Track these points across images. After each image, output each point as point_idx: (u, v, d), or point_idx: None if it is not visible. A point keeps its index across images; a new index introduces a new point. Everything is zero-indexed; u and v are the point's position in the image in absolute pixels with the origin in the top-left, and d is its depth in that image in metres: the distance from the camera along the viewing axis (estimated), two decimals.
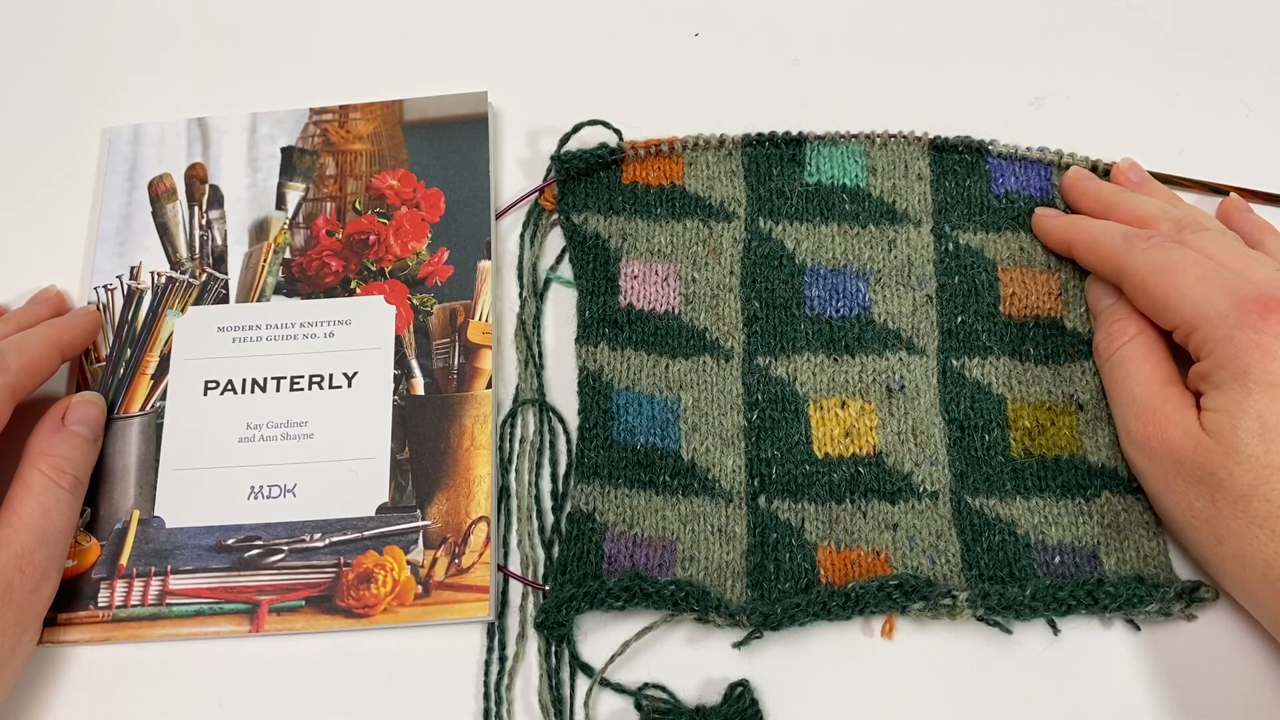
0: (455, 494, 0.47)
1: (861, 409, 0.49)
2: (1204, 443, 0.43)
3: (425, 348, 0.50)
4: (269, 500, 0.48)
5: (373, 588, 0.46)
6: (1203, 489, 0.42)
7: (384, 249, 0.52)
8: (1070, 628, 0.45)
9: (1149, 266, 0.46)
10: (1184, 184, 0.54)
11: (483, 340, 0.50)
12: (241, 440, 0.49)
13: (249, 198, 0.53)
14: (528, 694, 0.45)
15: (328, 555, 0.47)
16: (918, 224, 0.53)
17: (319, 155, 0.54)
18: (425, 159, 0.54)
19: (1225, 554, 0.43)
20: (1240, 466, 0.41)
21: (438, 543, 0.46)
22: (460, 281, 0.51)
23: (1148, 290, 0.46)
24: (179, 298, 0.52)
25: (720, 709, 0.44)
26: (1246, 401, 0.42)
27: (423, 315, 0.51)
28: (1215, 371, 0.43)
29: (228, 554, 0.47)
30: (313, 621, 0.46)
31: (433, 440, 0.48)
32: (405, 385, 0.49)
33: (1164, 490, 0.45)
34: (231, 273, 0.52)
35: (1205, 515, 0.43)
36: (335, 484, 0.48)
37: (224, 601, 0.46)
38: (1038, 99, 0.57)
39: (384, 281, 0.51)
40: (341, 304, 0.51)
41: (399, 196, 0.53)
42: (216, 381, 0.50)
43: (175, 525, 0.47)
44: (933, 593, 0.44)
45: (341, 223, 0.53)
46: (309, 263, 0.52)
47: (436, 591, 0.46)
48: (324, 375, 0.50)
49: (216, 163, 0.54)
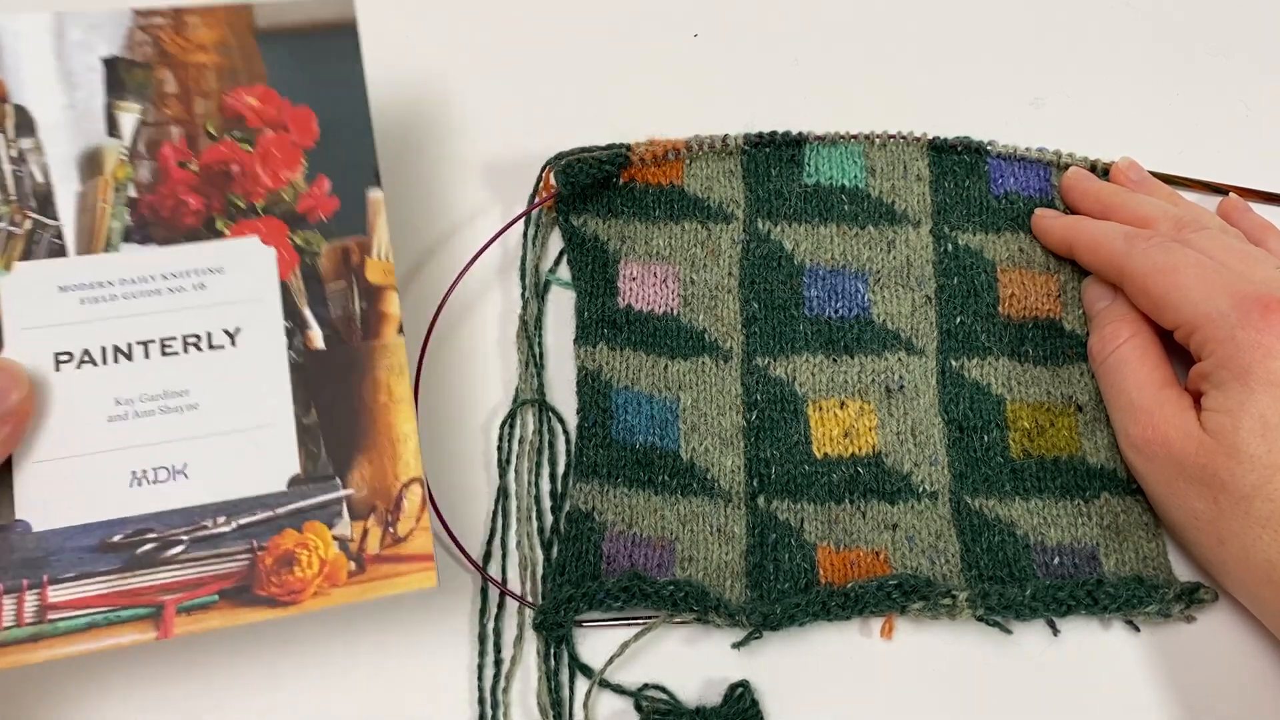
0: (378, 456, 0.43)
1: (861, 409, 0.49)
2: (1205, 443, 0.43)
3: (318, 294, 0.44)
4: (156, 485, 0.41)
5: (296, 570, 0.41)
6: (1204, 490, 0.43)
7: (251, 181, 0.45)
8: (1070, 628, 0.46)
9: (1149, 266, 0.46)
10: (1184, 183, 0.55)
11: (385, 280, 0.45)
12: (112, 419, 0.41)
13: (69, 121, 0.44)
14: (526, 696, 0.45)
15: (237, 540, 0.41)
16: (917, 225, 0.53)
17: (153, 68, 0.45)
18: (288, 73, 0.46)
19: (1227, 555, 0.43)
20: (1242, 467, 0.42)
21: (365, 512, 0.42)
22: (349, 215, 0.45)
23: (1148, 290, 0.46)
24: (0, 252, 0.43)
25: (720, 709, 0.44)
26: (1248, 401, 0.42)
27: (309, 257, 0.44)
28: (1216, 371, 0.43)
29: (116, 553, 0.40)
30: (230, 616, 0.40)
31: (343, 399, 0.43)
32: (301, 339, 0.43)
33: (1164, 492, 0.45)
34: (64, 217, 0.43)
35: (1207, 516, 0.43)
36: (233, 459, 0.42)
37: (120, 608, 0.40)
38: (1038, 99, 0.57)
39: (257, 219, 0.44)
40: (209, 249, 0.44)
41: (261, 118, 0.45)
42: (69, 353, 0.42)
43: (45, 528, 0.40)
44: (932, 593, 0.44)
45: (195, 151, 0.45)
46: (161, 201, 0.44)
47: (373, 566, 0.41)
48: (200, 335, 0.43)
49: (15, 76, 0.44)
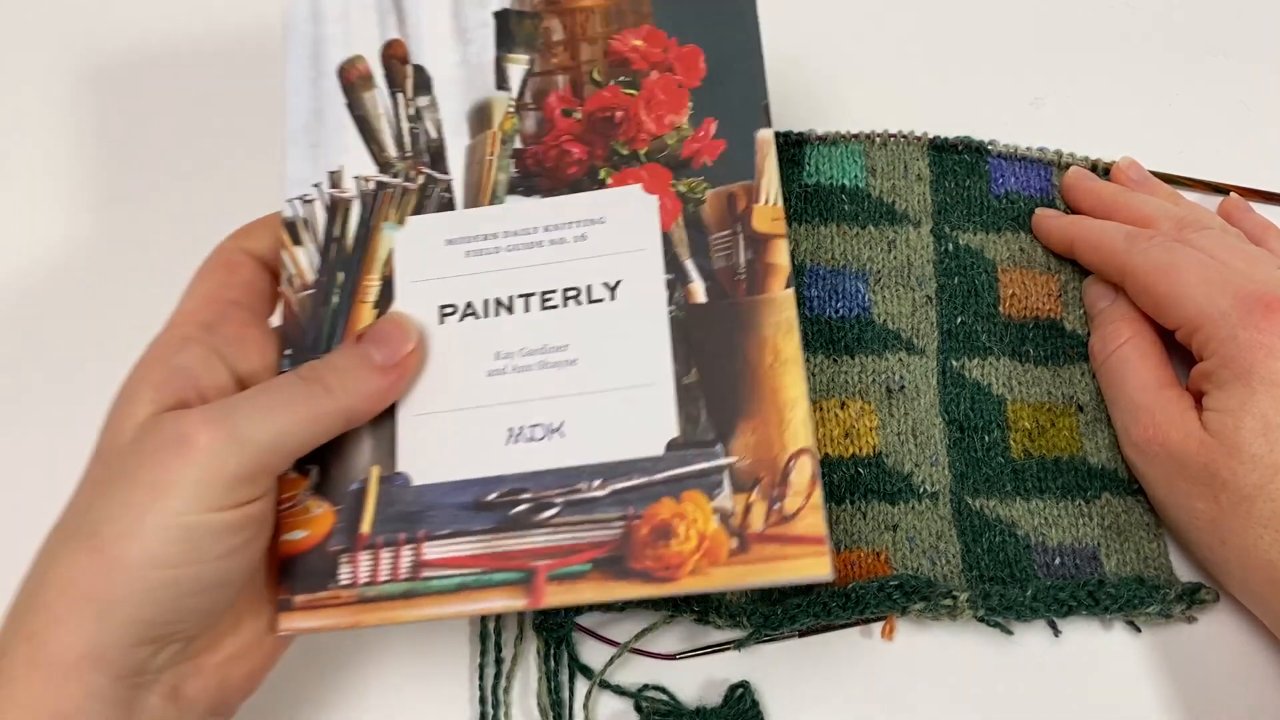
0: (764, 422, 0.37)
1: (861, 409, 0.48)
2: (1206, 443, 0.42)
3: (701, 244, 0.40)
4: (532, 444, 0.39)
5: (673, 544, 0.37)
6: (1205, 490, 0.42)
7: (635, 126, 0.42)
8: (1070, 629, 0.45)
9: (1150, 266, 0.46)
10: (1185, 183, 0.54)
11: (773, 229, 0.40)
12: (491, 374, 0.40)
13: (462, 77, 0.43)
14: (526, 697, 0.45)
15: (612, 506, 0.37)
16: (917, 224, 0.52)
17: (541, 17, 0.44)
18: (673, 9, 0.43)
19: (1229, 554, 0.42)
20: (1244, 466, 0.41)
21: (749, 484, 0.37)
22: (736, 158, 0.41)
23: (1150, 290, 0.46)
24: (394, 207, 0.42)
25: (721, 710, 0.44)
26: (1250, 401, 0.41)
27: (693, 204, 0.41)
28: (1218, 371, 0.43)
29: (490, 512, 0.38)
30: (603, 589, 0.37)
31: (726, 358, 0.38)
32: (682, 292, 0.39)
33: (1165, 492, 0.45)
34: (454, 172, 0.42)
35: (1208, 516, 0.42)
36: (610, 419, 0.38)
37: (492, 570, 0.37)
38: (1038, 99, 0.56)
39: (639, 167, 0.41)
40: (591, 199, 0.41)
41: (646, 60, 0.42)
42: (453, 306, 0.41)
43: (423, 482, 0.39)
44: (933, 593, 0.43)
45: (579, 99, 0.43)
46: (545, 152, 0.42)
47: (757, 545, 0.36)
48: (580, 288, 0.40)
49: (416, 38, 0.44)
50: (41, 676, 0.33)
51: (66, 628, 0.33)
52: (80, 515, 0.35)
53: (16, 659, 0.33)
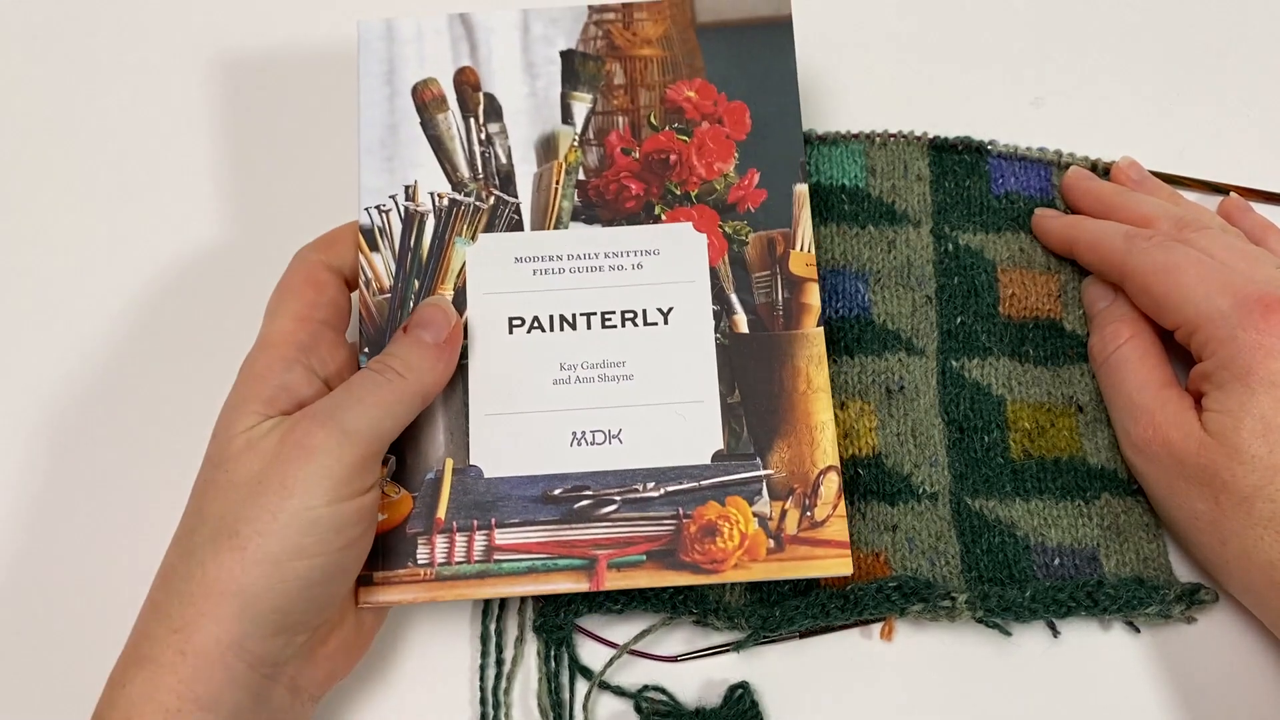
0: (797, 441, 0.44)
1: (861, 410, 0.49)
2: (1206, 444, 0.42)
3: (744, 281, 0.46)
4: (594, 447, 0.44)
5: (719, 541, 0.43)
6: (1206, 491, 0.43)
7: (687, 170, 0.47)
8: (1070, 630, 0.46)
9: (1150, 266, 0.46)
10: (1185, 183, 0.54)
11: (806, 273, 0.46)
12: (556, 382, 0.45)
13: (530, 109, 0.48)
14: (526, 697, 0.46)
15: (665, 506, 0.43)
16: (917, 224, 0.52)
17: (604, 61, 0.49)
18: (724, 67, 0.48)
19: (1229, 555, 0.43)
20: (1244, 467, 0.41)
21: (784, 494, 0.43)
22: (775, 207, 0.47)
23: (1150, 290, 0.46)
24: (467, 223, 0.47)
25: (720, 711, 0.44)
26: (1249, 402, 0.42)
27: (737, 245, 0.47)
28: (1218, 372, 0.43)
29: (556, 505, 0.43)
30: (656, 577, 0.43)
31: (764, 383, 0.45)
32: (727, 322, 0.46)
33: (1165, 493, 0.45)
34: (522, 195, 0.47)
35: (1209, 517, 0.43)
36: (663, 430, 0.44)
37: (558, 557, 0.43)
38: (1038, 99, 0.56)
39: (690, 207, 0.47)
40: (648, 232, 0.47)
41: (699, 110, 0.48)
42: (521, 319, 0.46)
43: (494, 475, 0.44)
44: (932, 595, 0.44)
45: (637, 140, 0.48)
46: (606, 185, 0.47)
47: (790, 546, 0.43)
48: (637, 311, 0.46)
49: (487, 67, 0.49)
50: (189, 665, 0.37)
51: (212, 620, 0.37)
52: (216, 517, 0.39)
53: (166, 648, 0.37)
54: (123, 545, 0.47)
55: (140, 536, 0.42)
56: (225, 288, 0.52)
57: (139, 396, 0.51)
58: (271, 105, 0.57)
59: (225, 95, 0.57)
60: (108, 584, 0.46)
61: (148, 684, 0.37)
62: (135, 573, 0.42)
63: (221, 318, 0.45)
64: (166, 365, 0.51)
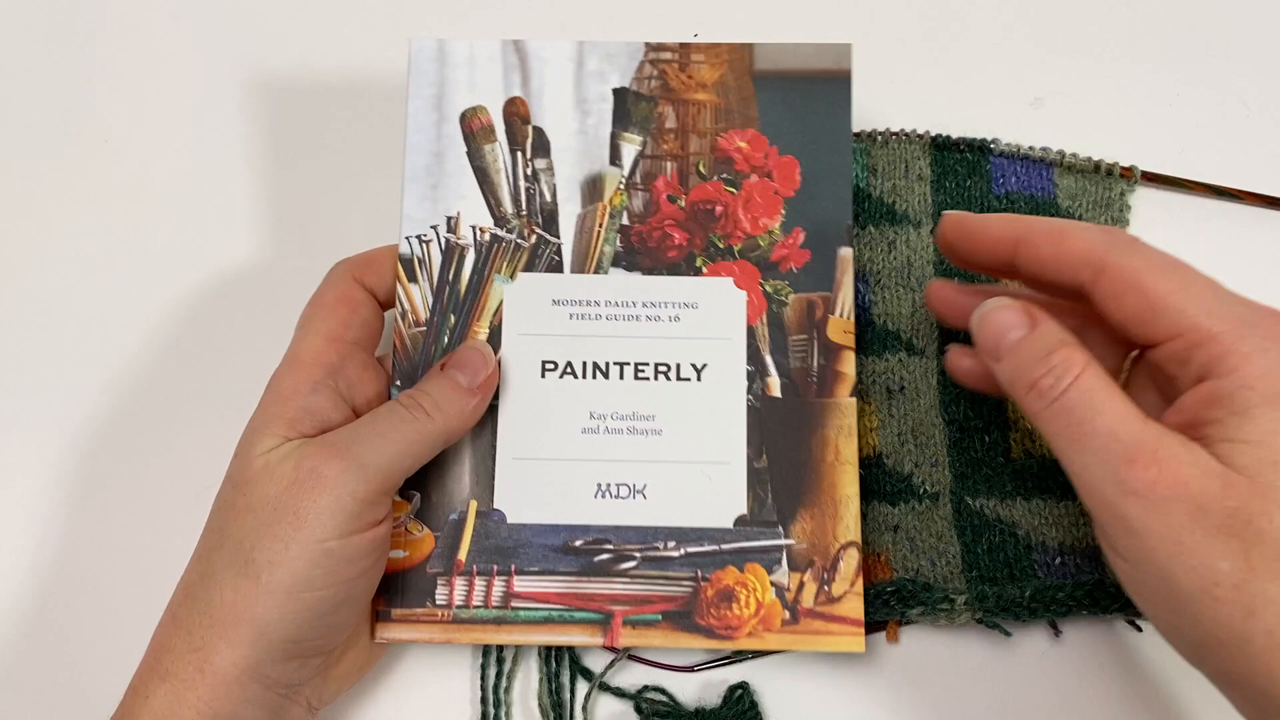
0: (820, 513, 0.44)
1: (861, 410, 0.48)
2: (1235, 483, 0.34)
3: (780, 343, 0.46)
4: (618, 500, 0.44)
5: (735, 607, 0.43)
6: (1233, 544, 0.34)
7: (732, 223, 0.47)
8: (1071, 628, 0.46)
9: (1143, 262, 0.37)
10: (1185, 185, 0.53)
11: (844, 340, 0.46)
12: (585, 431, 0.45)
13: (578, 147, 0.47)
14: (526, 697, 0.46)
15: (684, 567, 0.44)
16: (917, 225, 0.52)
17: (657, 103, 0.48)
18: (778, 119, 0.48)
19: (1255, 631, 0.33)
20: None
21: (803, 565, 0.44)
22: (817, 270, 0.46)
23: (1142, 289, 0.37)
24: (507, 260, 0.46)
25: (720, 711, 0.44)
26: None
27: (777, 305, 0.46)
28: (1239, 392, 0.35)
29: (575, 556, 0.44)
30: (671, 638, 0.43)
31: (792, 450, 0.45)
32: (760, 384, 0.45)
33: (1171, 553, 0.34)
34: (564, 236, 0.47)
35: (1233, 580, 0.34)
36: (688, 489, 0.44)
37: (574, 609, 0.43)
38: (1038, 99, 0.56)
39: (733, 261, 0.47)
40: (688, 284, 0.46)
41: (749, 162, 0.47)
42: (555, 363, 0.45)
43: (517, 520, 0.44)
44: (930, 598, 0.44)
45: (684, 187, 0.47)
46: (650, 232, 0.47)
47: (805, 619, 0.43)
48: (670, 365, 0.45)
49: (538, 99, 0.48)
50: (208, 683, 0.37)
51: (228, 643, 0.38)
52: (235, 541, 0.39)
53: (187, 665, 0.38)
54: (153, 558, 0.48)
55: (171, 551, 0.43)
56: (261, 309, 0.52)
57: (172, 415, 0.52)
58: (312, 127, 0.56)
59: (266, 116, 0.57)
60: (136, 595, 0.47)
61: (170, 698, 0.38)
62: (165, 584, 0.42)
63: (257, 339, 0.45)
64: (200, 385, 0.52)
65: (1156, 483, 0.35)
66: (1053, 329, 0.39)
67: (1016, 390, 0.39)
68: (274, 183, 0.55)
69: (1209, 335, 0.36)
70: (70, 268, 0.54)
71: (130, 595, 0.48)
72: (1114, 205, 0.53)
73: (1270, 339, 0.35)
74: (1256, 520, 0.34)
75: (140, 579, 0.47)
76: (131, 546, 0.49)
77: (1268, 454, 0.34)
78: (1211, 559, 0.34)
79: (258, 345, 0.45)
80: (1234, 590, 0.34)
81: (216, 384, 0.51)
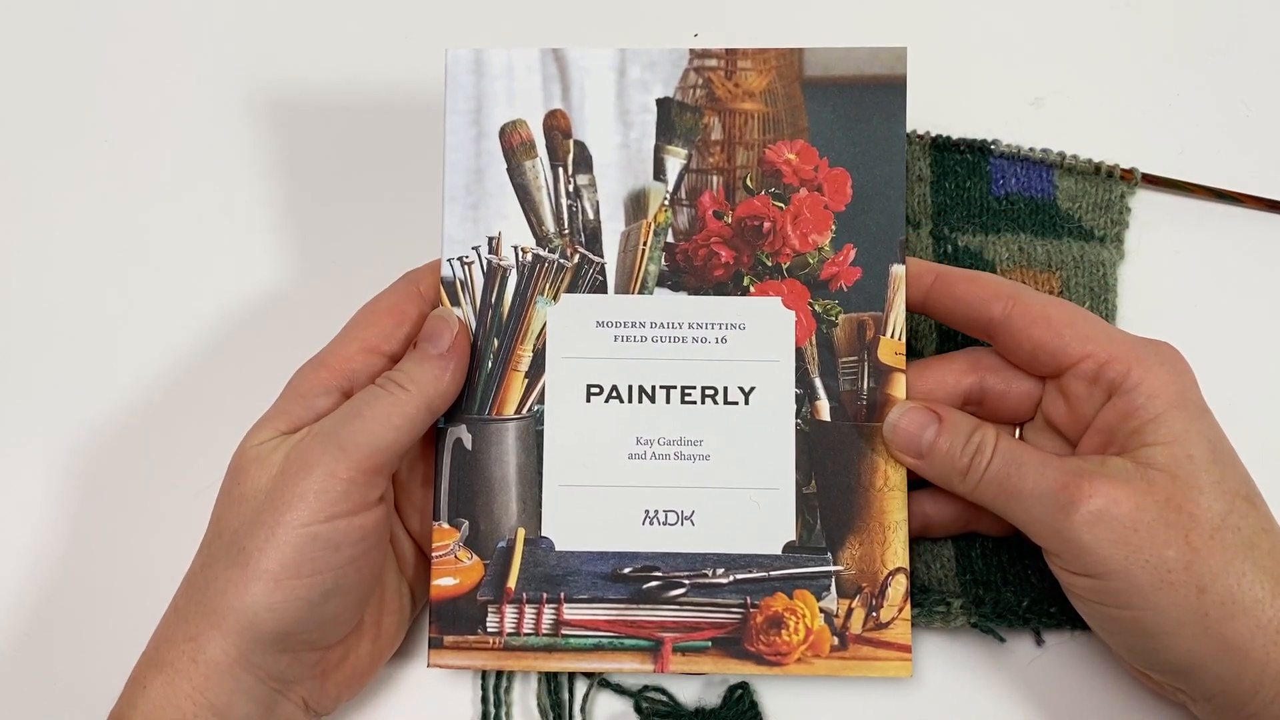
0: (869, 539, 0.44)
1: None
2: (1158, 480, 0.39)
3: (830, 365, 0.45)
4: (665, 527, 0.44)
5: (784, 634, 0.43)
6: (1173, 532, 0.39)
7: (781, 240, 0.46)
8: (1070, 629, 0.47)
9: (1046, 300, 0.43)
10: (1185, 187, 0.53)
11: (895, 362, 0.45)
12: (632, 457, 0.44)
13: (621, 161, 0.46)
14: (526, 697, 0.47)
15: (732, 594, 0.44)
16: (917, 226, 0.52)
17: (702, 113, 0.46)
18: (829, 129, 0.46)
19: (1210, 603, 0.38)
20: (1206, 495, 0.39)
21: (852, 591, 0.44)
22: (869, 288, 0.45)
23: (1050, 319, 0.42)
24: (550, 282, 0.45)
25: (720, 711, 0.45)
26: (1193, 427, 0.40)
27: (826, 325, 0.45)
28: (1149, 401, 0.40)
29: (625, 584, 0.44)
30: (720, 665, 0.44)
31: (842, 475, 0.44)
32: (809, 408, 0.45)
33: (1124, 554, 0.39)
34: (607, 255, 0.46)
35: (1181, 562, 0.38)
36: (736, 515, 0.44)
37: (625, 636, 0.44)
38: (1038, 99, 0.56)
39: (781, 280, 0.45)
40: (735, 304, 0.45)
41: (798, 175, 0.46)
42: (600, 387, 0.45)
43: (565, 548, 0.44)
44: (926, 600, 0.45)
45: (731, 203, 0.46)
46: (695, 250, 0.46)
47: (854, 645, 0.43)
48: (718, 388, 0.45)
49: (579, 112, 0.46)
50: (201, 673, 0.39)
51: (220, 633, 0.39)
52: (230, 531, 0.40)
53: (182, 654, 0.39)
54: (154, 558, 0.50)
55: (171, 551, 0.44)
56: (274, 322, 0.52)
57: (172, 415, 0.52)
58: (345, 145, 0.56)
59: (296, 131, 0.56)
60: (136, 595, 0.48)
61: (166, 688, 0.39)
62: (164, 584, 0.43)
63: (285, 363, 0.44)
64: (200, 385, 0.52)
65: (1094, 497, 0.39)
66: (959, 418, 0.43)
67: (950, 479, 0.43)
68: (307, 203, 0.55)
69: (1113, 355, 0.41)
70: (80, 273, 0.55)
71: (130, 595, 0.49)
72: (1114, 207, 0.53)
73: (1161, 357, 0.41)
74: (1186, 506, 0.39)
75: (140, 579, 0.49)
76: (132, 547, 0.50)
77: (1181, 449, 0.40)
78: (1159, 550, 0.39)
79: (258, 348, 0.46)
80: (1185, 571, 0.38)
81: (217, 384, 0.52)
